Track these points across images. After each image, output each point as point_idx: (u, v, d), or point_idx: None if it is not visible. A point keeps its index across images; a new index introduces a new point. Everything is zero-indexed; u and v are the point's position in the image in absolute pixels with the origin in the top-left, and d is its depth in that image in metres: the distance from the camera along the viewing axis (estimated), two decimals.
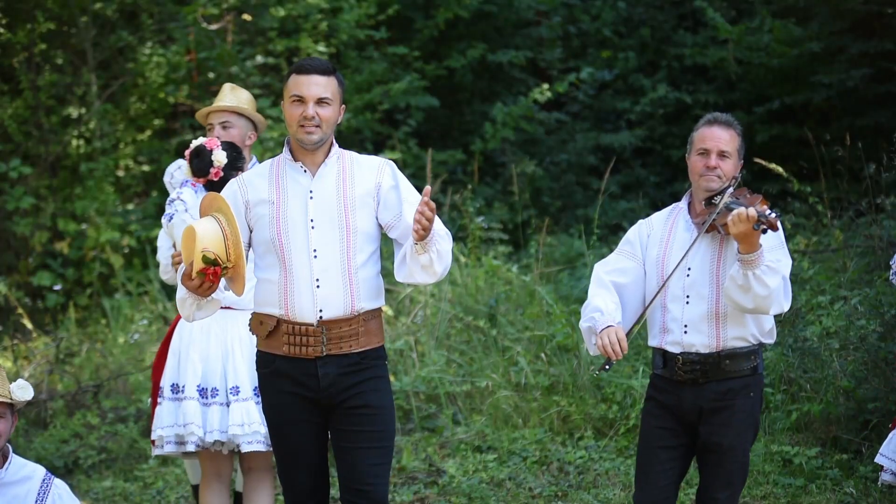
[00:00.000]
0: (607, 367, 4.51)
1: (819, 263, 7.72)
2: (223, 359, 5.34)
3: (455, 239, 9.52)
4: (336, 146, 4.48)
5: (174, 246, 5.44)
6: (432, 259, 4.26)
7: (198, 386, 5.31)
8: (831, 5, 10.59)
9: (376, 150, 10.83)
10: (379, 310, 4.46)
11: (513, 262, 9.12)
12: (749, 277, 4.33)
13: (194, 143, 5.39)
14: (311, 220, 4.35)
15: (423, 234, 4.16)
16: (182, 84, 10.76)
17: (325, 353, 4.35)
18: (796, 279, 7.40)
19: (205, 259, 4.14)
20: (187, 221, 5.02)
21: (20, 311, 9.33)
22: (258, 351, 4.50)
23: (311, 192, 4.38)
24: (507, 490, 6.44)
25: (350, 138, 10.51)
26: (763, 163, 7.95)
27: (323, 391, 4.37)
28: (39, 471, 4.65)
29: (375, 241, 4.43)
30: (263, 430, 5.21)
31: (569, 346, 7.41)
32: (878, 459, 5.12)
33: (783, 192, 9.31)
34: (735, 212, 4.32)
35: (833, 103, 10.83)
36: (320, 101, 4.34)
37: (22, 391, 4.60)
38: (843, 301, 6.88)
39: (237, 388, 5.30)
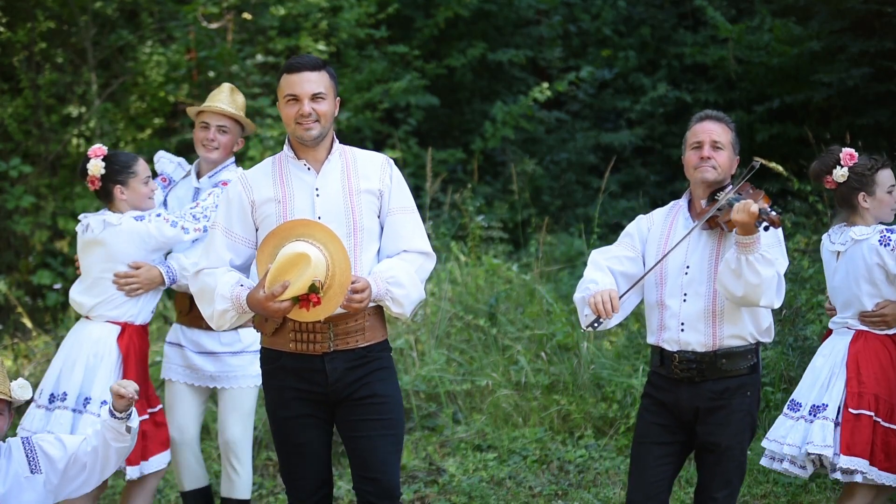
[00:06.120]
0: (596, 324, 4.50)
1: (819, 262, 7.69)
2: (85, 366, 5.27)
3: (455, 238, 9.55)
4: (337, 142, 4.49)
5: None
6: (388, 306, 4.38)
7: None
8: (831, 4, 10.57)
9: (376, 148, 10.77)
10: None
11: (513, 261, 9.12)
12: (742, 262, 4.34)
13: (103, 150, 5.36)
14: (319, 218, 4.35)
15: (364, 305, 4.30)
16: (182, 83, 10.76)
17: (332, 349, 4.36)
18: (797, 278, 7.41)
19: (311, 287, 4.17)
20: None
21: (20, 309, 9.33)
22: (262, 347, 4.51)
23: (316, 189, 4.39)
24: (508, 489, 6.44)
25: (350, 137, 10.51)
26: (763, 161, 7.94)
27: (331, 386, 4.38)
28: (12, 441, 4.64)
29: (379, 239, 4.45)
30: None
31: (569, 344, 7.41)
32: (764, 443, 5.04)
33: (783, 191, 9.32)
34: (740, 202, 4.33)
35: (833, 102, 10.82)
36: (315, 97, 4.36)
37: (22, 390, 4.61)
38: None
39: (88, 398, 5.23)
